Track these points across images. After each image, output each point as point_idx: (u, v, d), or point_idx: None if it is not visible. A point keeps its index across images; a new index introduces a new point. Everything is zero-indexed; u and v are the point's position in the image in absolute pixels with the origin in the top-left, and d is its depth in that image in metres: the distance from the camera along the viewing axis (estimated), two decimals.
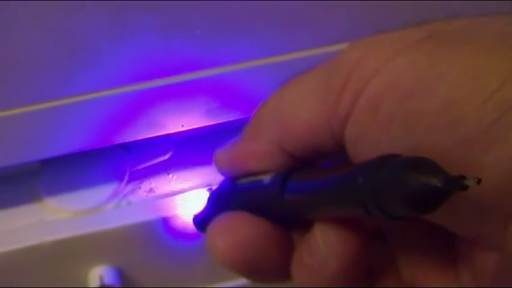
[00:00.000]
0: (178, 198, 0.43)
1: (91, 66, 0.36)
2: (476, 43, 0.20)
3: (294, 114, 0.23)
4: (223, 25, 0.36)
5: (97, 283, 0.41)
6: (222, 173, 0.26)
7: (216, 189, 0.28)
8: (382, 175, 0.19)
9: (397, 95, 0.20)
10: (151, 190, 0.45)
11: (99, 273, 0.42)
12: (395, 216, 0.19)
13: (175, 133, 0.45)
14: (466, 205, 0.20)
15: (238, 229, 0.24)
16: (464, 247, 0.22)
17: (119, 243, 0.42)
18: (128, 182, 0.45)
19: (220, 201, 0.27)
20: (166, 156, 0.46)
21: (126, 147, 0.46)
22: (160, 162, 0.46)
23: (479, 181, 0.18)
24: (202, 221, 0.27)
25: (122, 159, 0.45)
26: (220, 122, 0.41)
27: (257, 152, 0.25)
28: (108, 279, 0.42)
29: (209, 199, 0.28)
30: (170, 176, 0.46)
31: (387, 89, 0.21)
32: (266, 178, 0.24)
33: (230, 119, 0.41)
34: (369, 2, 0.37)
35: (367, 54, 0.22)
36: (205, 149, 0.47)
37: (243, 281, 0.45)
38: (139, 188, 0.45)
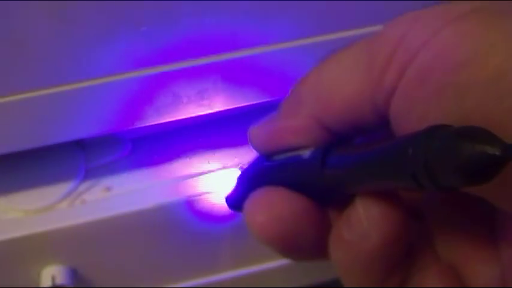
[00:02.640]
0: (135, 194, 0.43)
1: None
2: None
3: (335, 89, 0.24)
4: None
5: (49, 283, 0.41)
6: (256, 150, 0.27)
7: (248, 167, 0.28)
8: (435, 145, 0.19)
9: (448, 65, 0.20)
10: (107, 189, 0.44)
11: (51, 273, 0.41)
12: (447, 187, 0.19)
13: (133, 130, 0.44)
14: None
15: (276, 203, 0.24)
16: (508, 224, 0.22)
17: (72, 242, 0.41)
18: (83, 180, 0.44)
19: (254, 179, 0.27)
20: (124, 154, 0.46)
21: (82, 144, 0.45)
22: (117, 160, 0.45)
23: None
24: (235, 200, 0.28)
25: (77, 157, 0.45)
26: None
27: (296, 127, 0.25)
28: (61, 279, 0.41)
29: (241, 177, 0.28)
30: (127, 174, 0.45)
31: (437, 60, 0.21)
32: (305, 153, 0.24)
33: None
34: None
35: (412, 28, 0.22)
36: (165, 145, 0.46)
37: (194, 281, 0.45)
38: (95, 186, 0.44)
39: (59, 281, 0.41)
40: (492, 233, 0.23)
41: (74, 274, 0.42)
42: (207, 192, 0.42)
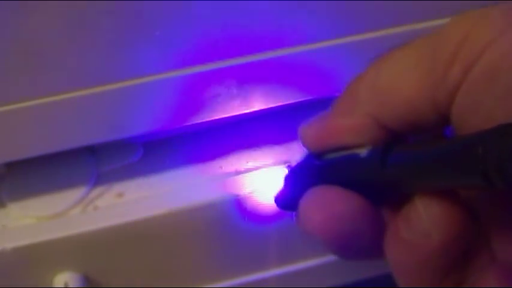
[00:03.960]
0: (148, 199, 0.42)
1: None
2: None
3: (394, 87, 0.23)
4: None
5: None
6: (307, 148, 0.26)
7: (297, 166, 0.28)
8: (507, 144, 0.19)
9: None
10: (120, 194, 0.44)
11: (64, 279, 0.41)
12: None
13: (144, 134, 0.44)
14: None
15: (333, 202, 0.24)
16: None
17: (85, 248, 0.41)
18: (95, 185, 0.44)
19: (304, 178, 0.27)
20: (136, 159, 0.45)
21: (93, 149, 0.45)
22: (130, 165, 0.45)
23: None
24: (285, 199, 0.28)
25: (89, 162, 0.44)
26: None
27: (352, 126, 0.25)
28: (74, 285, 0.41)
29: (289, 177, 0.28)
30: (140, 179, 0.45)
31: (505, 59, 0.21)
32: (362, 151, 0.24)
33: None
34: None
35: (477, 26, 0.22)
36: (176, 150, 0.46)
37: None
38: (107, 192, 0.44)
39: (72, 287, 0.40)
40: None
41: (87, 280, 0.42)
42: (226, 196, 0.41)
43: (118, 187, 0.44)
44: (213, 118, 0.40)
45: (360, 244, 0.25)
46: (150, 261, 0.43)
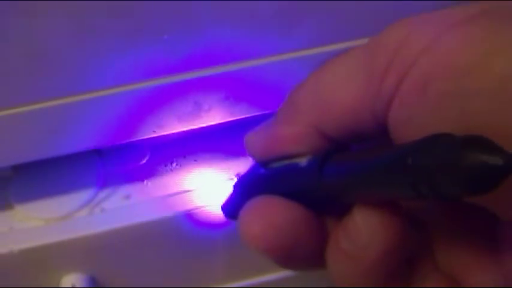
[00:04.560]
0: (154, 202, 0.42)
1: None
2: None
3: (334, 96, 0.23)
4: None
5: None
6: (253, 157, 0.26)
7: (244, 175, 0.27)
8: (436, 155, 0.18)
9: (449, 72, 0.20)
10: (126, 196, 0.44)
11: (71, 281, 0.41)
12: (448, 196, 0.18)
13: (151, 138, 0.44)
14: None
15: (273, 212, 0.23)
16: (511, 234, 0.22)
17: (92, 250, 0.41)
18: (102, 188, 0.44)
19: (250, 187, 0.26)
20: (143, 162, 0.46)
21: (101, 152, 0.45)
22: (136, 168, 0.45)
23: None
24: (231, 208, 0.27)
25: (96, 164, 0.45)
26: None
27: (293, 135, 0.24)
28: (81, 287, 0.41)
29: (237, 185, 0.27)
30: (145, 182, 0.45)
31: (438, 66, 0.20)
32: (302, 161, 0.24)
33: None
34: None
35: (413, 32, 0.21)
36: (177, 155, 0.46)
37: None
38: (114, 194, 0.44)
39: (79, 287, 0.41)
40: (493, 242, 0.23)
41: (94, 282, 0.42)
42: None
43: (125, 189, 0.44)
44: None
45: (302, 255, 0.24)
46: (156, 263, 0.43)
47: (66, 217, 0.42)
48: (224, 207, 0.28)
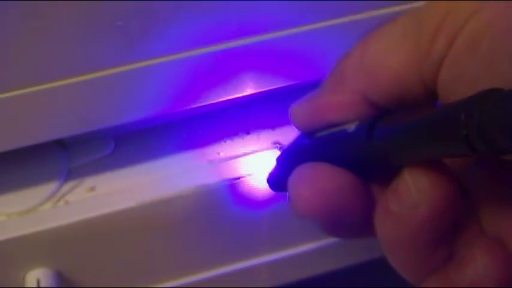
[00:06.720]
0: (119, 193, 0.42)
1: None
2: None
3: (381, 63, 0.24)
4: None
5: (34, 286, 0.40)
6: (298, 128, 0.27)
7: (290, 146, 0.28)
8: (488, 107, 0.19)
9: (499, 30, 0.21)
10: (91, 188, 0.43)
11: (36, 276, 0.40)
12: (501, 149, 0.19)
13: (115, 128, 0.43)
14: None
15: (322, 178, 0.24)
16: None
17: (57, 244, 0.40)
18: (66, 180, 0.43)
19: (296, 157, 0.27)
20: (107, 153, 0.45)
21: (63, 143, 0.44)
22: (100, 158, 0.45)
23: None
24: (277, 179, 0.28)
25: (59, 157, 0.44)
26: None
27: (341, 102, 0.25)
28: (46, 282, 0.40)
29: (281, 157, 0.28)
30: (110, 173, 0.44)
31: (488, 26, 0.21)
32: (350, 127, 0.24)
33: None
34: None
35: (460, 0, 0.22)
36: (147, 144, 0.45)
37: (184, 280, 0.44)
38: (78, 186, 0.43)
39: (44, 284, 0.40)
40: None
41: (60, 277, 0.41)
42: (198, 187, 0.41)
43: (89, 181, 0.43)
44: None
45: (350, 221, 0.25)
46: (123, 255, 0.43)
47: (29, 211, 0.41)
48: (269, 180, 0.29)
